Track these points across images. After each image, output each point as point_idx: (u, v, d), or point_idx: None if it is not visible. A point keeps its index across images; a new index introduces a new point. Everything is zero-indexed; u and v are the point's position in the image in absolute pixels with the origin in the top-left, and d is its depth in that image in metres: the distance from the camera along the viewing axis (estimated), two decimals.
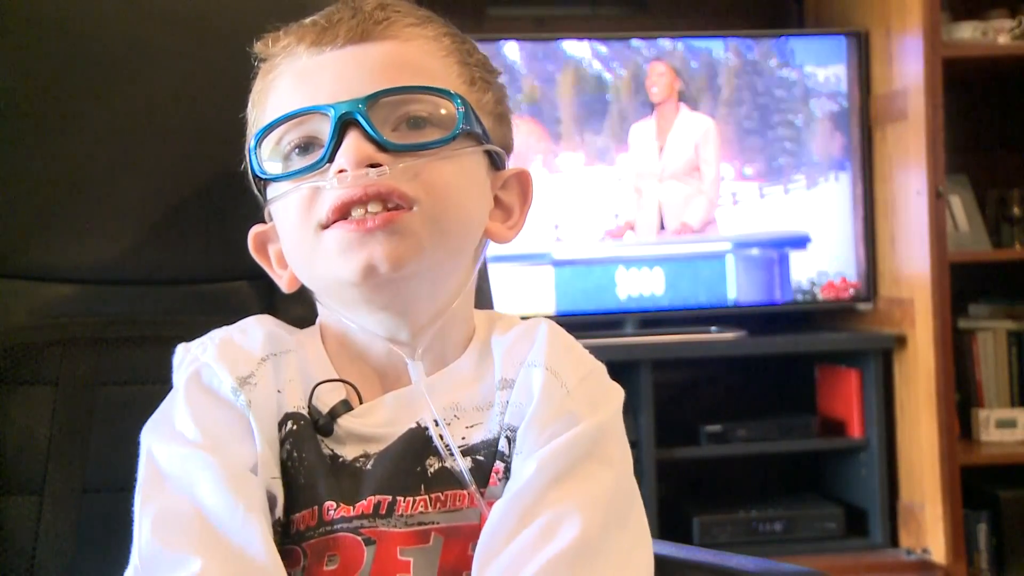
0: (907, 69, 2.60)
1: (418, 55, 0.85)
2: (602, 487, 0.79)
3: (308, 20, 0.86)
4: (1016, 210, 2.84)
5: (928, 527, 2.56)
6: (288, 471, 0.81)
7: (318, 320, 0.91)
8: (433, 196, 0.81)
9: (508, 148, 0.91)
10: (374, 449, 0.82)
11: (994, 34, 2.70)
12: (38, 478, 0.94)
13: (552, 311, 2.67)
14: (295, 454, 0.81)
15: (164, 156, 1.01)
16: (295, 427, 0.82)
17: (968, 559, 2.59)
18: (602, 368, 0.88)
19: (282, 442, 0.82)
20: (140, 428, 0.87)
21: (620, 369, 2.66)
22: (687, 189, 2.73)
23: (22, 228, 0.98)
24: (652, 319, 2.74)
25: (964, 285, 2.72)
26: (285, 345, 0.86)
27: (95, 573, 0.84)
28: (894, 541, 2.65)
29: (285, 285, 0.89)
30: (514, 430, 0.82)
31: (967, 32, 2.70)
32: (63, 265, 0.98)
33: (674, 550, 1.02)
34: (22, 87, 0.99)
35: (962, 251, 2.74)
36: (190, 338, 0.88)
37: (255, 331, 0.86)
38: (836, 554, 2.59)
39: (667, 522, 2.60)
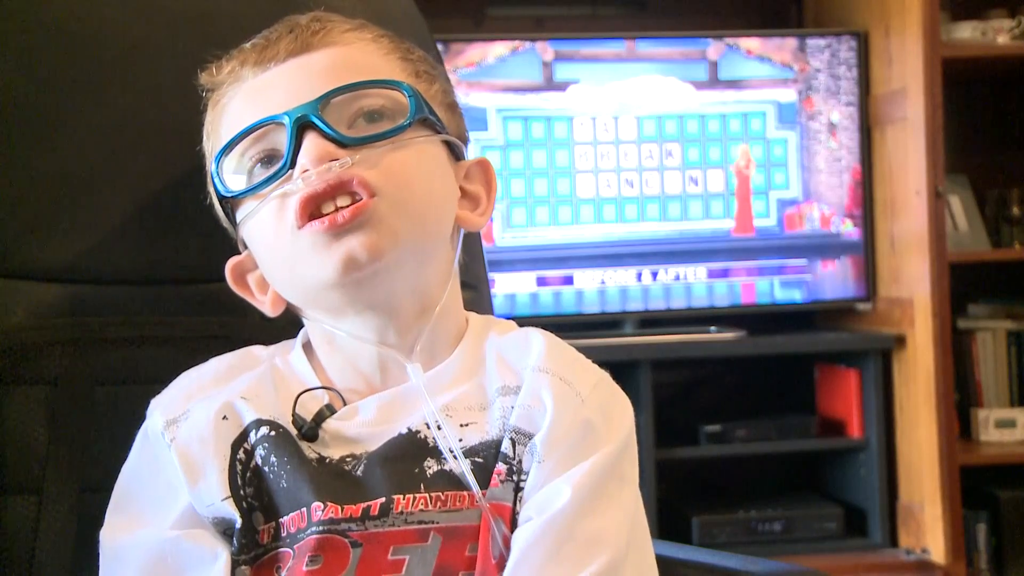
0: (906, 69, 2.60)
1: (360, 55, 0.86)
2: (626, 507, 0.82)
3: (247, 44, 0.88)
4: (1016, 210, 2.84)
5: (927, 527, 2.57)
6: (266, 477, 0.81)
7: (301, 333, 0.91)
8: (395, 182, 0.81)
9: (463, 138, 0.91)
10: (360, 450, 0.82)
11: (993, 34, 2.70)
12: (37, 478, 0.94)
13: (551, 310, 2.68)
14: (273, 459, 0.81)
15: (164, 156, 1.01)
16: (272, 432, 0.82)
17: (967, 559, 2.59)
18: (608, 376, 0.88)
19: (252, 449, 0.82)
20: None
21: (620, 369, 2.67)
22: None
23: (21, 228, 0.98)
24: (652, 319, 2.74)
25: (964, 285, 2.72)
26: (248, 365, 0.88)
27: (94, 573, 0.84)
28: (893, 541, 2.65)
29: (269, 309, 0.89)
30: (522, 433, 0.81)
31: (966, 32, 2.70)
32: (62, 265, 0.98)
33: (674, 550, 1.02)
34: (22, 87, 0.99)
35: (962, 251, 2.75)
36: (189, 338, 0.89)
37: (211, 364, 0.89)
38: (835, 554, 2.59)
39: (666, 522, 2.60)
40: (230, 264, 0.90)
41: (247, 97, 0.85)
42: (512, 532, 0.80)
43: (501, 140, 2.66)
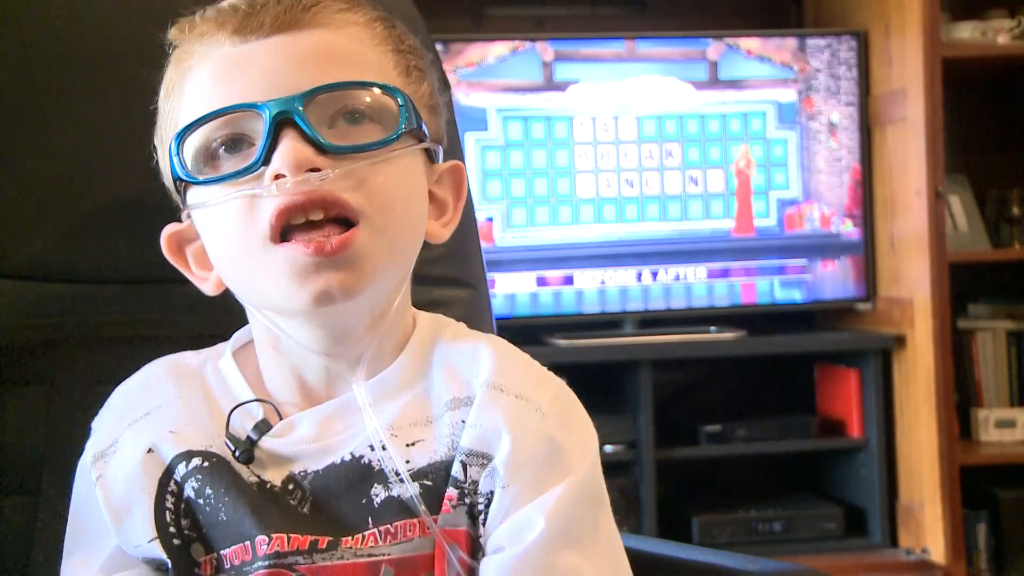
0: (906, 69, 2.60)
1: (352, 44, 0.78)
2: (607, 535, 0.78)
3: (226, 4, 0.79)
4: (1015, 210, 2.84)
5: (927, 527, 2.56)
6: (200, 511, 0.77)
7: (234, 337, 0.87)
8: (378, 207, 0.75)
9: (441, 141, 0.85)
10: (300, 468, 0.77)
11: (993, 34, 2.70)
12: (33, 478, 0.94)
13: (551, 310, 2.68)
14: (208, 491, 0.77)
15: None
16: (204, 463, 0.78)
17: (967, 559, 2.59)
18: (564, 383, 0.82)
19: (181, 483, 0.78)
20: None
21: (620, 369, 2.67)
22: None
23: (17, 227, 0.97)
24: (652, 319, 2.74)
25: (963, 285, 2.72)
26: (179, 374, 0.83)
27: None
28: (893, 541, 2.65)
29: (210, 289, 0.83)
30: (476, 455, 0.76)
31: (966, 32, 2.70)
32: (58, 264, 0.98)
33: (674, 550, 1.02)
34: (18, 86, 0.98)
35: (961, 251, 2.75)
36: (187, 337, 0.88)
37: (140, 376, 0.85)
38: (836, 554, 2.59)
39: (666, 522, 2.60)
40: (167, 232, 0.84)
41: (221, 70, 0.77)
42: (469, 554, 0.76)
43: (501, 140, 2.66)
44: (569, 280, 2.70)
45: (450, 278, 1.06)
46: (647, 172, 2.73)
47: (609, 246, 2.71)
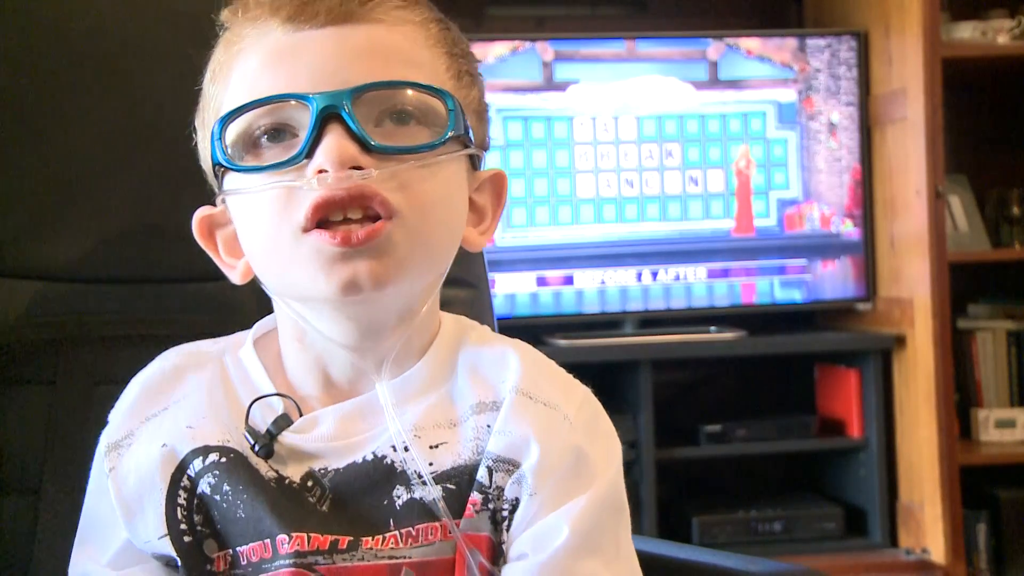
0: (906, 69, 2.60)
1: (406, 43, 0.78)
2: (627, 545, 0.79)
3: None
4: (1015, 210, 2.84)
5: (927, 527, 2.56)
6: (217, 507, 0.76)
7: (256, 327, 0.86)
8: (417, 211, 0.75)
9: (486, 147, 0.84)
10: (320, 466, 0.77)
11: (993, 34, 2.70)
12: (35, 478, 0.94)
13: (551, 310, 2.68)
14: (226, 487, 0.76)
15: (161, 154, 1.01)
16: (222, 459, 0.77)
17: (967, 559, 2.59)
18: (590, 391, 0.83)
19: (196, 479, 0.77)
20: None
21: (620, 369, 2.67)
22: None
23: (19, 226, 0.98)
24: (652, 319, 2.74)
25: (963, 285, 2.72)
26: (197, 363, 0.83)
27: None
28: (893, 541, 2.65)
29: (238, 277, 0.82)
30: (503, 460, 0.76)
31: (966, 32, 2.70)
32: (60, 264, 0.98)
33: (674, 550, 1.02)
34: (19, 86, 0.99)
35: (961, 251, 2.75)
36: (188, 337, 0.87)
37: (155, 365, 0.84)
38: (835, 554, 2.59)
39: (666, 522, 2.60)
40: (200, 215, 0.83)
41: (270, 59, 0.76)
42: (490, 560, 0.76)
43: (501, 140, 2.66)
44: (569, 280, 2.70)
45: (452, 278, 1.05)
46: (647, 172, 2.73)
47: (609, 246, 2.71)
